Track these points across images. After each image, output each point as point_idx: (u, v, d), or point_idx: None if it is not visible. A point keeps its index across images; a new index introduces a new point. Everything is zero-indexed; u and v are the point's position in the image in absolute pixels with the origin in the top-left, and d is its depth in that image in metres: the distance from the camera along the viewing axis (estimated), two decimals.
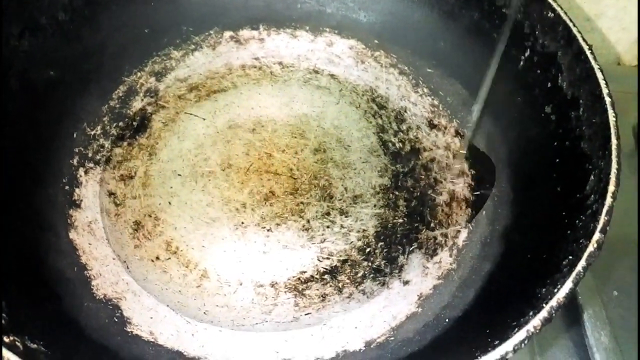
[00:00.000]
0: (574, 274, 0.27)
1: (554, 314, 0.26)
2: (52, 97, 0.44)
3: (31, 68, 0.43)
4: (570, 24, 0.39)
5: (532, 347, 0.40)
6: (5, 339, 0.26)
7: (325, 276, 0.40)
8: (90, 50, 0.47)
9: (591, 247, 0.28)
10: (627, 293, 0.44)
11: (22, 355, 0.25)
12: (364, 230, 0.42)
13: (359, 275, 0.40)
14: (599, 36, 0.60)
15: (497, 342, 0.26)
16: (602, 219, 0.29)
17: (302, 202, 0.44)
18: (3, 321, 0.27)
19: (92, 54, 0.47)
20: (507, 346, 0.25)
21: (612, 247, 0.46)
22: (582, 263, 0.27)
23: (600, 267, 0.42)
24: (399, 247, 0.41)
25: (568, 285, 0.27)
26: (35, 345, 0.28)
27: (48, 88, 0.44)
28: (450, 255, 0.40)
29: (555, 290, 0.27)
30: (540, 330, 0.26)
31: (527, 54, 0.43)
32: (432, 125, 0.49)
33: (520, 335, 0.25)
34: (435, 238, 0.42)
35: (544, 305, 0.26)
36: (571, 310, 0.40)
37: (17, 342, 0.26)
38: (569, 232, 0.32)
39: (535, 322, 0.25)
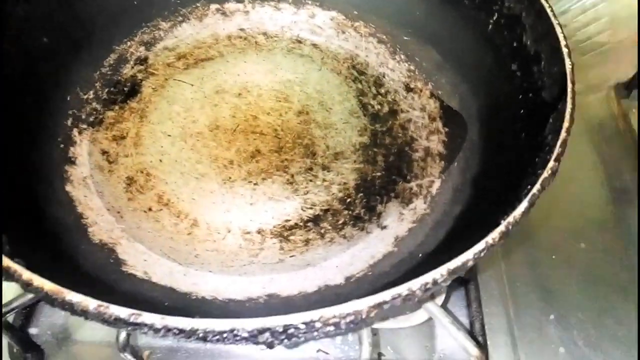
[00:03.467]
0: (529, 195, 0.30)
1: (510, 229, 0.29)
2: (46, 63, 0.46)
3: (26, 34, 0.45)
4: None
5: None
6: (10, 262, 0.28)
7: (309, 224, 0.42)
8: (82, 19, 0.49)
9: (545, 174, 0.31)
10: None
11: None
12: (344, 183, 0.45)
13: (340, 222, 0.43)
14: None
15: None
16: (557, 149, 0.32)
17: (286, 159, 0.46)
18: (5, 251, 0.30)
19: (83, 22, 0.49)
20: (468, 255, 0.27)
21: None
22: (537, 187, 0.30)
23: None
24: (377, 197, 0.44)
25: (524, 204, 0.30)
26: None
27: (42, 53, 0.46)
28: (425, 202, 0.43)
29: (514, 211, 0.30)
30: (498, 243, 0.28)
31: (495, 17, 0.46)
32: (408, 89, 0.51)
33: (479, 246, 0.28)
34: (411, 189, 0.45)
35: (502, 221, 0.29)
36: None
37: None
38: (529, 169, 0.35)
39: (494, 234, 0.28)
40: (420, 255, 0.38)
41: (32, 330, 0.45)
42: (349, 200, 0.44)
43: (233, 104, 0.50)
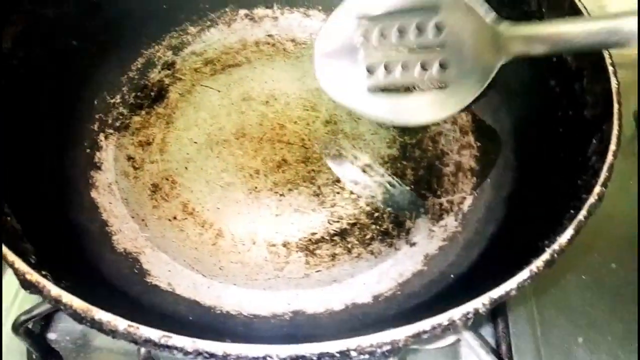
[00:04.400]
0: (575, 222, 0.28)
1: (556, 257, 0.27)
2: (74, 66, 0.46)
3: (55, 37, 0.44)
4: None
5: None
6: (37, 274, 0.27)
7: (335, 237, 0.41)
8: (110, 23, 0.49)
9: (592, 199, 0.30)
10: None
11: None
12: (372, 197, 0.44)
13: (368, 237, 0.42)
14: None
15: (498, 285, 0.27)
16: (604, 174, 0.30)
17: (313, 170, 0.45)
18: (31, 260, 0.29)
19: (112, 25, 0.49)
20: (511, 284, 0.26)
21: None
22: (583, 213, 0.29)
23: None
24: (406, 212, 0.43)
25: (570, 231, 0.28)
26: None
27: (70, 57, 0.45)
28: (456, 220, 0.42)
29: (557, 237, 0.28)
30: (542, 272, 0.27)
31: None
32: None
33: (523, 274, 0.27)
34: (441, 204, 0.43)
35: (547, 249, 0.27)
36: None
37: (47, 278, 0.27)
38: (570, 191, 0.34)
39: (538, 263, 0.27)
40: (452, 276, 0.37)
41: (51, 336, 0.44)
42: (376, 214, 0.43)
43: (260, 111, 0.49)
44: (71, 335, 0.44)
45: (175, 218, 0.42)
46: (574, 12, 0.41)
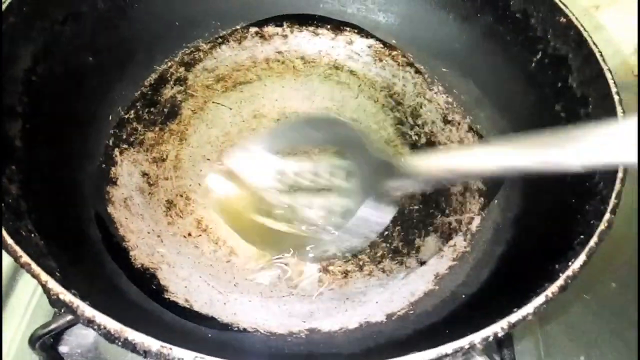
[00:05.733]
0: (587, 248, 0.30)
1: (569, 283, 0.28)
2: (91, 82, 0.46)
3: (73, 53, 0.45)
4: (581, 29, 0.42)
5: None
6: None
7: (347, 254, 0.42)
8: (125, 39, 0.49)
9: (602, 226, 0.31)
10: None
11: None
12: None
13: (379, 254, 0.42)
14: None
15: (515, 309, 0.28)
16: (612, 201, 0.32)
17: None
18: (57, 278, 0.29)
19: (127, 42, 0.50)
20: (528, 309, 0.27)
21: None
22: (594, 239, 0.30)
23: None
24: (415, 231, 0.44)
25: (582, 257, 0.29)
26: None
27: (87, 73, 0.46)
28: (465, 240, 0.43)
29: (570, 263, 0.30)
30: (556, 297, 0.28)
31: (538, 56, 0.46)
32: (446, 121, 0.51)
33: (539, 299, 0.28)
34: (449, 223, 0.44)
35: (560, 274, 0.29)
36: None
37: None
38: (578, 216, 0.35)
39: (553, 289, 0.28)
40: (463, 296, 0.38)
41: (63, 349, 0.44)
42: (386, 232, 0.44)
43: (271, 129, 0.50)
44: (82, 349, 0.45)
45: (189, 235, 0.42)
46: (578, 39, 0.43)
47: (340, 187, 0.40)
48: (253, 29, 0.56)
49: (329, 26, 0.57)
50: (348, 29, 0.57)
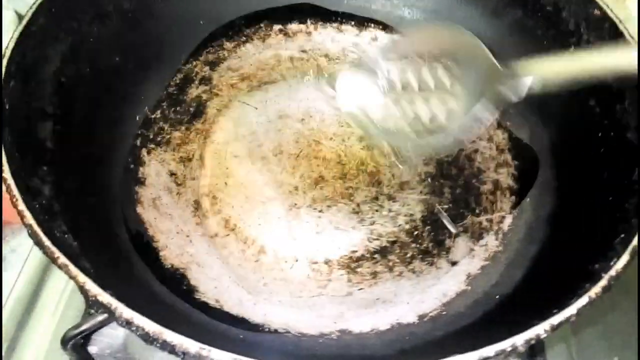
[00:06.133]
0: (630, 248, 0.29)
1: (612, 283, 0.28)
2: (117, 82, 0.46)
3: (99, 53, 0.45)
4: (617, 21, 0.41)
5: None
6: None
7: (376, 255, 0.42)
8: (151, 39, 0.49)
9: None
10: None
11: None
12: (411, 215, 0.44)
13: (408, 255, 0.42)
14: None
15: (556, 311, 0.28)
16: None
17: (351, 187, 0.46)
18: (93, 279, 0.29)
19: (152, 42, 0.50)
20: (571, 310, 0.26)
21: None
22: (637, 238, 0.29)
23: None
24: (446, 231, 0.43)
25: (625, 257, 0.28)
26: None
27: (114, 73, 0.46)
28: (496, 239, 0.42)
29: (612, 263, 0.29)
30: (599, 299, 0.27)
31: (572, 49, 0.45)
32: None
33: (582, 300, 0.27)
34: (480, 223, 0.44)
35: (603, 275, 0.28)
36: None
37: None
38: (618, 214, 0.34)
39: (597, 289, 0.27)
40: (497, 297, 0.37)
41: (92, 349, 0.45)
42: (416, 232, 0.43)
43: (296, 129, 0.50)
44: (111, 349, 0.45)
45: (217, 235, 0.42)
46: (614, 31, 0.41)
47: (451, 90, 0.40)
48: (277, 27, 0.56)
49: (353, 22, 0.56)
50: (372, 24, 0.56)
